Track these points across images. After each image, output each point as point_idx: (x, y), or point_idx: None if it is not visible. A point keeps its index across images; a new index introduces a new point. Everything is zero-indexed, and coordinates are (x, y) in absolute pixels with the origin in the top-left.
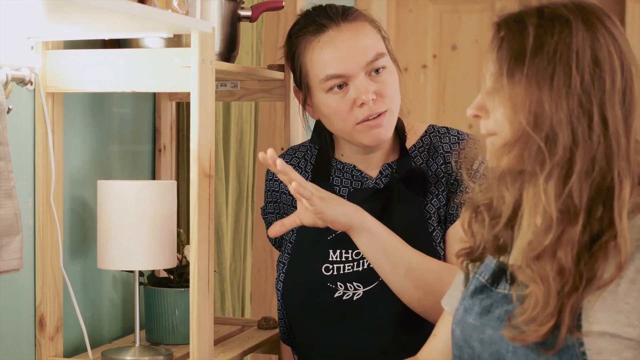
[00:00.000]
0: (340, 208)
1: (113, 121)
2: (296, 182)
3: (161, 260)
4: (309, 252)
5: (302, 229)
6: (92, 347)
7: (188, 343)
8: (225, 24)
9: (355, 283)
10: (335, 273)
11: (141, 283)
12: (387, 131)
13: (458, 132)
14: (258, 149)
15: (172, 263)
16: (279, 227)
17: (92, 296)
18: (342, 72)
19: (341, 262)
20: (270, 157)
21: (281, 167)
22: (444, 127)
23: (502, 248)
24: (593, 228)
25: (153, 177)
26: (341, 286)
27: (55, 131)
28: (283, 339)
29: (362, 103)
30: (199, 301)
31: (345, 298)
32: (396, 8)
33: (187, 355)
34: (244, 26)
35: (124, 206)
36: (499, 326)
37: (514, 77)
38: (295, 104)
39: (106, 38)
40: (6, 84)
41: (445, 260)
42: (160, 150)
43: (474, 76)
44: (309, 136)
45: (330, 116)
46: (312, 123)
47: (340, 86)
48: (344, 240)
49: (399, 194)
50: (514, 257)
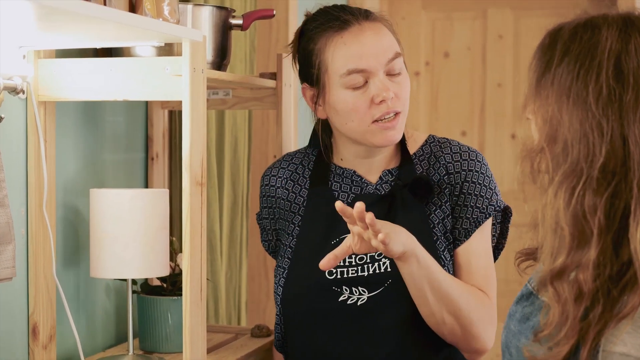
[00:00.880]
0: (399, 239)
1: (105, 129)
2: (383, 234)
3: (154, 268)
4: (312, 257)
5: (303, 234)
6: (86, 356)
7: (181, 351)
8: (216, 33)
9: (360, 288)
10: (339, 277)
11: (134, 291)
12: (399, 134)
13: (459, 144)
14: (252, 157)
15: (165, 271)
16: (333, 260)
17: (86, 305)
18: (365, 67)
19: (345, 267)
20: (358, 212)
21: (371, 221)
22: (444, 138)
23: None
24: (611, 251)
25: (146, 186)
26: (346, 290)
27: (47, 140)
28: (277, 346)
29: (382, 100)
30: (192, 309)
31: (349, 302)
32: (389, 15)
33: None
34: (237, 34)
35: (117, 214)
36: (532, 337)
37: (542, 86)
38: (287, 111)
39: (98, 47)
40: None
41: (454, 275)
42: (152, 158)
43: (467, 83)
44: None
45: (346, 113)
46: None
47: (359, 85)
48: None
49: (403, 201)
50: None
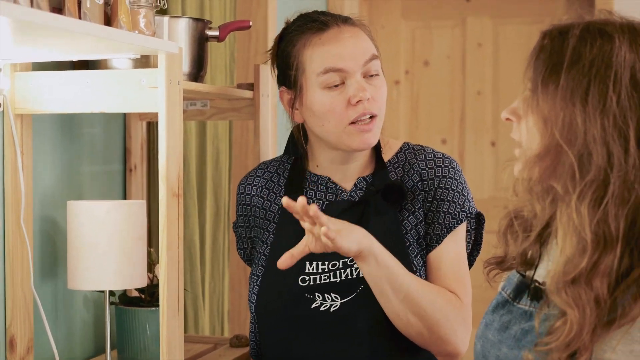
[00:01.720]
0: (353, 236)
1: (83, 141)
2: (325, 228)
3: (131, 279)
4: None
5: (276, 242)
6: None
7: None
8: (193, 44)
9: (333, 294)
10: (312, 284)
11: (112, 303)
12: (375, 137)
13: (433, 151)
14: (232, 167)
15: (143, 282)
16: (289, 259)
17: (64, 316)
18: (342, 67)
19: (317, 274)
20: (300, 206)
21: (314, 213)
22: (419, 145)
23: (529, 262)
24: (627, 261)
25: (124, 197)
26: (319, 297)
27: (24, 152)
28: (252, 355)
29: (359, 101)
30: (169, 320)
31: (322, 309)
32: (368, 24)
33: None
34: (217, 46)
35: (94, 226)
36: (515, 345)
37: (548, 88)
38: (265, 122)
39: (74, 60)
40: None
41: (427, 280)
42: (131, 169)
43: (447, 91)
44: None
45: (323, 115)
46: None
47: (336, 85)
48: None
49: (376, 207)
50: (541, 275)
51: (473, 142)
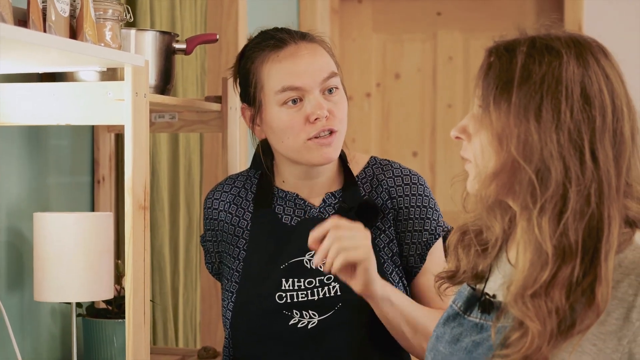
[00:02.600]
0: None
1: (50, 153)
2: (336, 269)
3: (98, 291)
4: (260, 281)
5: (249, 257)
6: None
7: None
8: (160, 57)
9: (311, 311)
10: (289, 301)
11: (80, 314)
12: (335, 152)
13: (400, 167)
14: (203, 180)
15: (109, 294)
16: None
17: (30, 328)
18: (300, 85)
19: (294, 290)
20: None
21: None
22: (385, 160)
23: (480, 276)
24: (580, 268)
25: (92, 209)
26: (297, 314)
27: None
28: None
29: (316, 118)
30: (135, 332)
31: (300, 326)
32: (340, 37)
33: None
34: (188, 58)
35: (61, 238)
36: (466, 357)
37: (500, 105)
38: (233, 134)
39: (40, 72)
40: None
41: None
42: (99, 181)
43: (418, 104)
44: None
45: (281, 131)
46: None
47: (294, 101)
48: (297, 269)
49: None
50: (491, 288)
51: (443, 155)
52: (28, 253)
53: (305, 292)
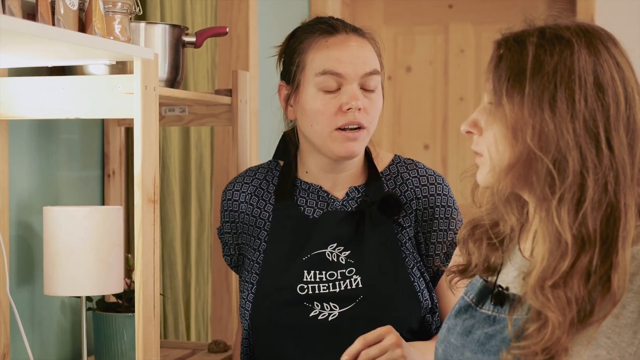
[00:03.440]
0: None
1: (61, 147)
2: None
3: (108, 285)
4: (281, 272)
5: (271, 249)
6: None
7: None
8: (169, 50)
9: (332, 303)
10: (310, 292)
11: (90, 308)
12: (360, 148)
13: (424, 167)
14: (214, 173)
15: (119, 288)
16: None
17: (40, 322)
18: (341, 72)
19: (316, 283)
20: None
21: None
22: (409, 159)
23: (492, 268)
24: (598, 257)
25: (102, 203)
26: (317, 305)
27: (0, 158)
28: None
29: (349, 108)
30: (145, 325)
31: (320, 318)
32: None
33: None
34: (199, 51)
35: (71, 232)
36: (478, 350)
37: (514, 97)
38: (243, 127)
39: (50, 66)
40: None
41: (423, 288)
42: (109, 175)
43: (429, 97)
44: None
45: (313, 114)
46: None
47: (332, 91)
48: (319, 261)
49: (372, 219)
50: (504, 280)
51: (455, 148)
52: (38, 247)
53: (326, 285)
